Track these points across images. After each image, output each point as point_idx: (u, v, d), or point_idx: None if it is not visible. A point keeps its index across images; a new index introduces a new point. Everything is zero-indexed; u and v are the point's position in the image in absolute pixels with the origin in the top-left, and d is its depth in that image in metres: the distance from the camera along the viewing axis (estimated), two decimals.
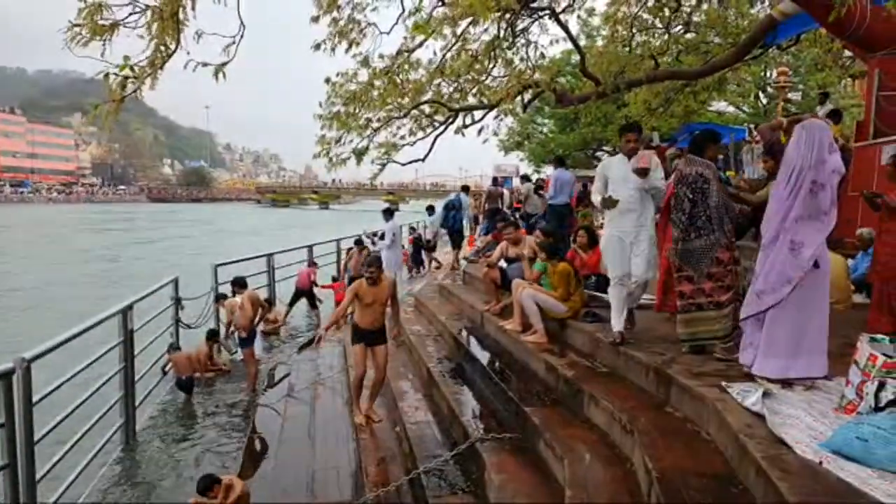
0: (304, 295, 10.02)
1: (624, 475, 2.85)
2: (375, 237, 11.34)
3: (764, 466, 2.19)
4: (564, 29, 7.83)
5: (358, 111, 7.32)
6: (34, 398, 3.54)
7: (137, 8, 3.72)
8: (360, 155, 7.52)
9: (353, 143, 7.50)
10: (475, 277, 7.56)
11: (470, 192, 14.24)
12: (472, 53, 7.27)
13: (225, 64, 4.13)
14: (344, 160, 7.47)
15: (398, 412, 4.70)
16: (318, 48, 6.72)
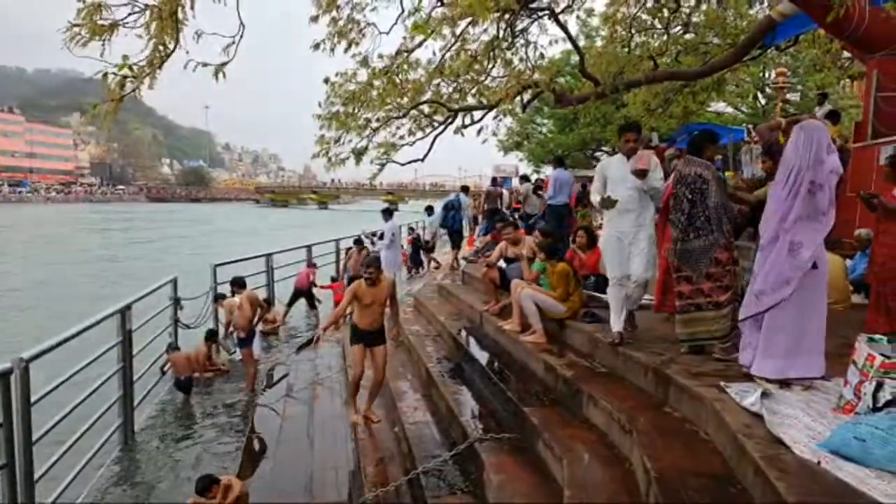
0: (302, 295, 10.02)
1: (622, 475, 2.86)
2: (374, 237, 11.35)
3: (762, 466, 2.20)
4: (563, 29, 7.84)
5: (357, 111, 7.32)
6: (32, 398, 3.54)
7: (136, 8, 3.72)
8: (359, 155, 7.53)
9: (352, 142, 7.52)
10: (474, 277, 7.56)
11: (469, 192, 14.25)
12: (471, 53, 7.27)
13: (225, 64, 4.14)
14: (343, 160, 7.48)
15: (397, 412, 4.69)
16: (317, 48, 6.73)
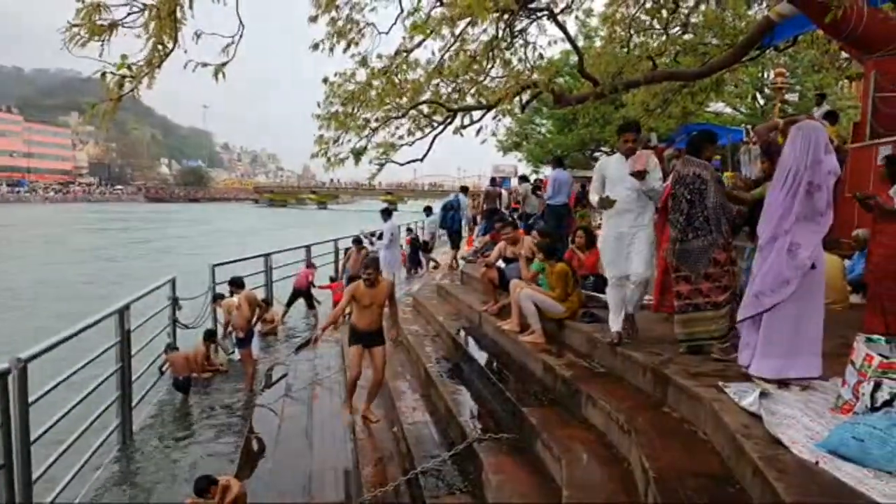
0: (301, 295, 10.02)
1: (621, 475, 2.86)
2: (373, 237, 11.34)
3: (760, 466, 2.20)
4: (562, 30, 7.85)
5: (356, 111, 7.32)
6: (30, 398, 3.54)
7: (135, 8, 3.71)
8: (358, 155, 7.53)
9: (351, 142, 7.52)
10: (473, 278, 7.57)
11: (468, 192, 14.26)
12: (470, 54, 7.27)
13: (224, 64, 4.14)
14: (342, 160, 7.48)
15: (396, 412, 4.69)
16: (316, 48, 6.72)
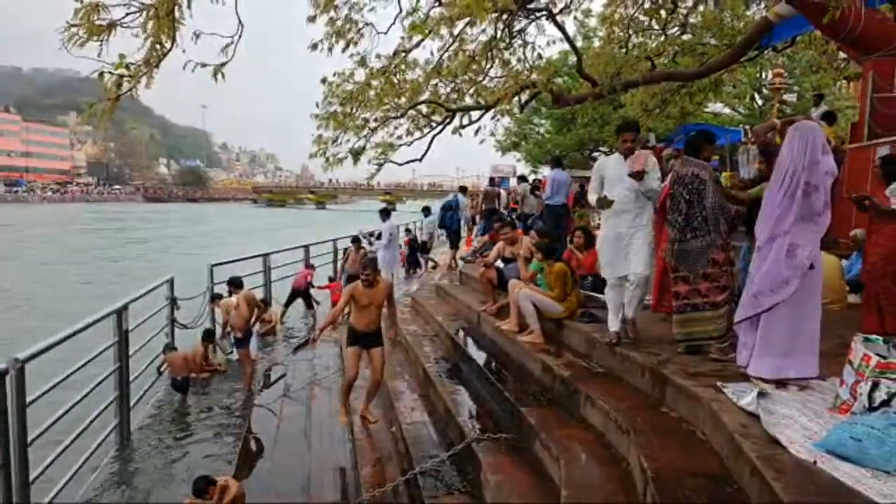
0: (300, 295, 10.01)
1: (620, 475, 2.86)
2: (372, 237, 11.34)
3: (759, 466, 2.20)
4: (561, 30, 7.84)
5: (355, 111, 7.31)
6: (28, 399, 3.53)
7: (133, 7, 3.71)
8: (356, 155, 7.52)
9: (349, 142, 7.51)
10: (472, 278, 7.57)
11: (467, 192, 14.25)
12: (469, 54, 7.27)
13: (224, 64, 4.13)
14: (341, 160, 7.47)
15: (394, 412, 4.69)
16: (315, 48, 6.72)
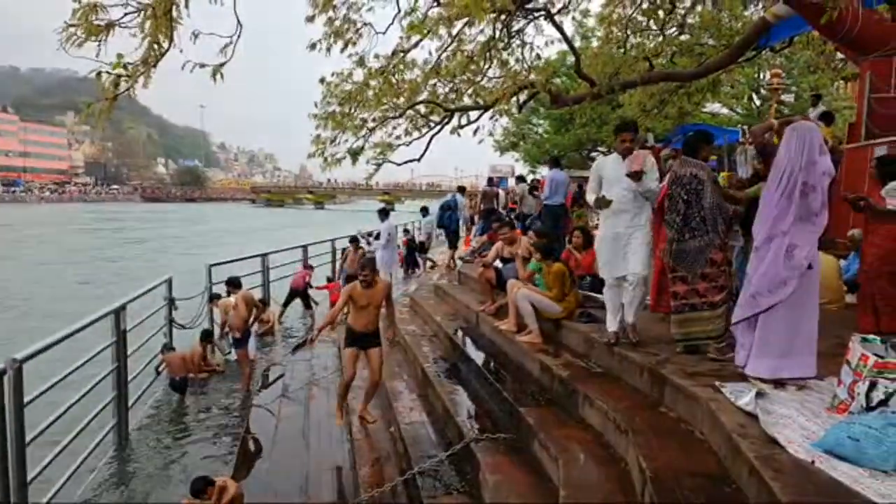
0: (298, 295, 10.00)
1: (618, 475, 2.86)
2: (371, 237, 11.33)
3: (757, 466, 2.21)
4: (559, 30, 7.85)
5: (353, 111, 7.31)
6: (25, 399, 3.52)
7: (131, 7, 3.70)
8: (355, 155, 7.52)
9: (348, 142, 7.51)
10: (470, 277, 7.57)
11: (466, 192, 14.25)
12: (467, 54, 7.27)
13: (223, 65, 4.13)
14: (339, 160, 7.46)
15: (393, 412, 4.69)
16: (313, 48, 6.71)
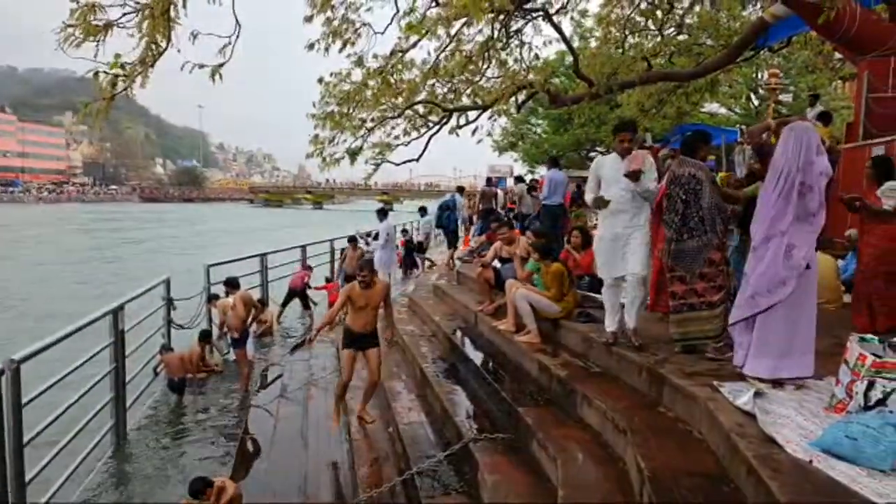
0: (296, 295, 9.99)
1: (616, 475, 2.86)
2: (369, 237, 11.32)
3: (755, 465, 2.21)
4: (558, 30, 7.84)
5: (352, 111, 7.30)
6: (23, 399, 3.51)
7: (129, 8, 3.69)
8: (353, 155, 7.51)
9: (346, 142, 7.49)
10: (469, 277, 7.57)
11: (464, 192, 14.26)
12: (466, 54, 7.26)
13: (221, 65, 4.12)
14: (337, 160, 7.46)
15: (391, 412, 4.69)
16: (311, 48, 6.70)
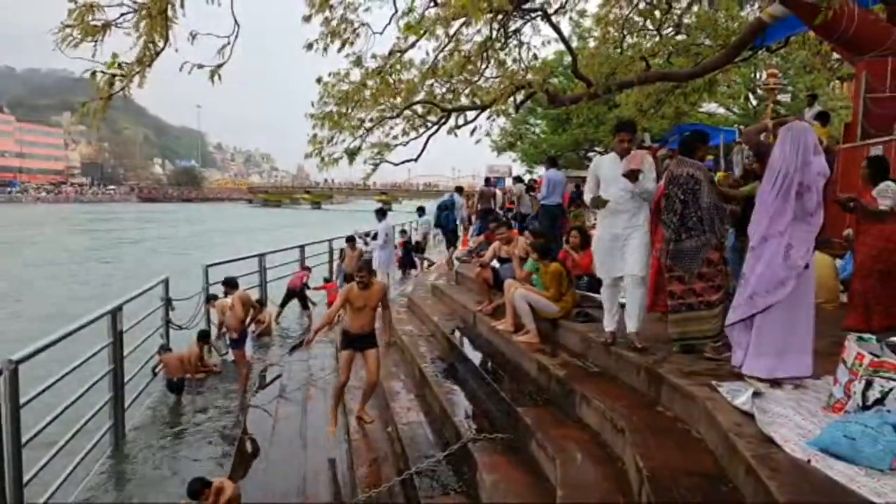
0: (295, 296, 9.98)
1: (615, 474, 2.87)
2: (368, 237, 11.32)
3: (753, 465, 2.21)
4: (556, 30, 7.84)
5: (350, 111, 7.29)
6: (22, 400, 3.51)
7: (127, 7, 3.68)
8: (352, 155, 7.50)
9: (345, 142, 7.47)
10: (468, 277, 7.57)
11: (463, 192, 14.27)
12: (464, 54, 7.26)
13: (220, 66, 4.11)
14: (336, 160, 7.44)
15: (390, 413, 4.69)
16: (310, 48, 6.70)
